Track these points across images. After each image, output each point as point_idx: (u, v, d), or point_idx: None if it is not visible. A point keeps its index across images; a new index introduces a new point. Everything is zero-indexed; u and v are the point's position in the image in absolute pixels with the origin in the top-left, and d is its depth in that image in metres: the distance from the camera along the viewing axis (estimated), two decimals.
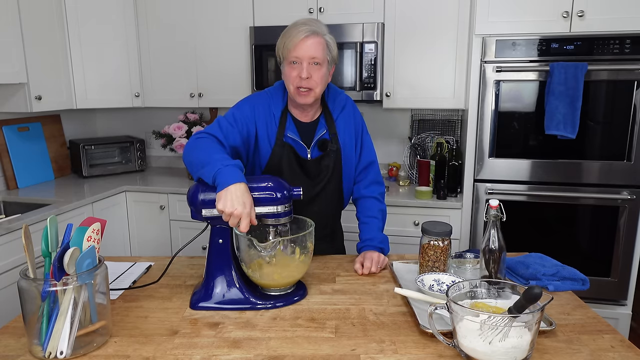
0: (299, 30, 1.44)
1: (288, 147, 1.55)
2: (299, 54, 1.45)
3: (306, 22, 1.47)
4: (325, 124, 1.60)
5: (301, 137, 1.57)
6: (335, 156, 1.60)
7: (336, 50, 1.54)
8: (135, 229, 2.91)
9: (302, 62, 1.45)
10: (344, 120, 1.63)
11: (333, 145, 1.59)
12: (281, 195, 1.25)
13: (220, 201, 1.18)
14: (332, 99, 1.63)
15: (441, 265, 1.37)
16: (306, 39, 1.44)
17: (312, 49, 1.45)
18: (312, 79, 1.46)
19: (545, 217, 2.43)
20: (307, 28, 1.45)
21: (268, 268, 1.27)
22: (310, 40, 1.44)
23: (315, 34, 1.45)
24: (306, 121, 1.60)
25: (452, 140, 2.86)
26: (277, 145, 1.55)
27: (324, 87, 1.53)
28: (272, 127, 1.56)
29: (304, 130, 1.58)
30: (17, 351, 1.06)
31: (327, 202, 1.64)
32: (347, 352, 1.05)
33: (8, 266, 2.07)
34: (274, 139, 1.55)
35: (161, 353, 1.05)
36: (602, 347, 1.05)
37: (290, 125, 1.57)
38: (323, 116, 1.61)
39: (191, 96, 3.00)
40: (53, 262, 1.03)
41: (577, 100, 2.24)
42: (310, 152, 1.58)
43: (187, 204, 1.27)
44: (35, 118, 2.94)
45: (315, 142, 1.58)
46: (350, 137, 1.64)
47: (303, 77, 1.45)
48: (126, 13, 2.95)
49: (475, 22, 2.39)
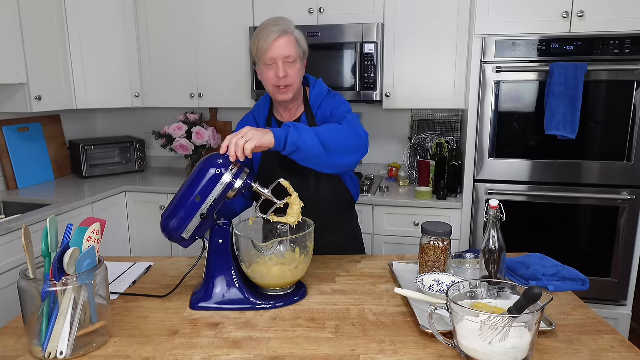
0: (270, 31, 1.49)
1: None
2: (273, 55, 1.49)
3: (276, 23, 1.51)
4: (306, 121, 1.63)
5: None
6: None
7: (306, 44, 1.58)
8: (135, 229, 2.91)
9: (278, 62, 1.50)
10: (322, 112, 1.64)
11: None
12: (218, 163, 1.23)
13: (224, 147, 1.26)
14: (313, 96, 1.65)
15: (441, 266, 1.37)
16: (278, 39, 1.48)
17: (285, 48, 1.49)
18: (289, 76, 1.52)
19: (545, 218, 2.43)
20: (277, 29, 1.49)
21: (268, 268, 1.28)
22: (281, 40, 1.49)
23: (285, 33, 1.50)
24: (288, 120, 1.63)
25: (452, 141, 2.86)
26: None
27: (301, 80, 1.59)
28: None
29: None
30: (17, 351, 1.06)
31: (329, 199, 1.64)
32: (347, 353, 1.04)
33: (8, 266, 2.07)
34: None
35: (161, 353, 1.05)
36: (602, 348, 1.05)
37: (275, 128, 1.58)
38: (305, 114, 1.65)
39: (191, 96, 3.00)
40: (53, 262, 1.03)
41: (577, 100, 2.24)
42: None
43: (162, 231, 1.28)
44: (35, 118, 2.94)
45: None
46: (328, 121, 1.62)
47: (280, 76, 1.50)
48: (126, 13, 2.95)
49: (475, 23, 2.39)
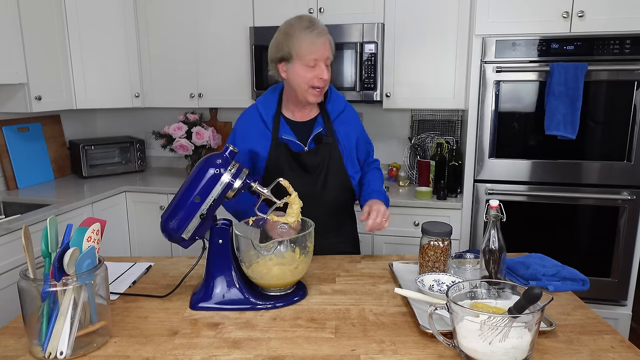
0: (313, 31, 1.45)
1: (283, 145, 1.58)
2: (318, 56, 1.46)
3: (313, 21, 1.48)
4: (322, 123, 1.62)
5: (296, 136, 1.60)
6: (332, 148, 1.61)
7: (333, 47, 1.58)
8: (135, 229, 2.91)
9: (320, 64, 1.47)
10: (342, 122, 1.65)
11: (329, 138, 1.60)
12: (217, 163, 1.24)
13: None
14: (331, 102, 1.65)
15: (441, 266, 1.37)
16: (323, 40, 1.46)
17: (328, 50, 1.49)
18: (328, 77, 1.51)
19: (545, 218, 2.43)
20: (321, 30, 1.47)
21: (268, 268, 1.28)
22: (324, 41, 1.47)
23: (325, 33, 1.48)
24: (302, 120, 1.62)
25: (452, 141, 2.86)
26: (273, 145, 1.58)
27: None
28: (266, 132, 1.59)
29: (299, 130, 1.61)
30: (17, 351, 1.06)
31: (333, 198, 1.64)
32: (347, 353, 1.04)
33: (8, 266, 2.07)
34: (269, 142, 1.58)
35: (161, 353, 1.05)
36: (602, 348, 1.05)
37: (284, 127, 1.60)
38: (321, 116, 1.63)
39: (191, 96, 3.00)
40: (53, 262, 1.03)
41: (577, 100, 2.24)
42: (308, 147, 1.60)
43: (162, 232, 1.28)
44: (35, 118, 2.94)
45: (312, 139, 1.60)
46: (351, 138, 1.66)
47: (325, 78, 1.48)
48: (126, 13, 2.95)
49: (475, 23, 2.39)
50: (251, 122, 1.62)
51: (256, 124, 1.60)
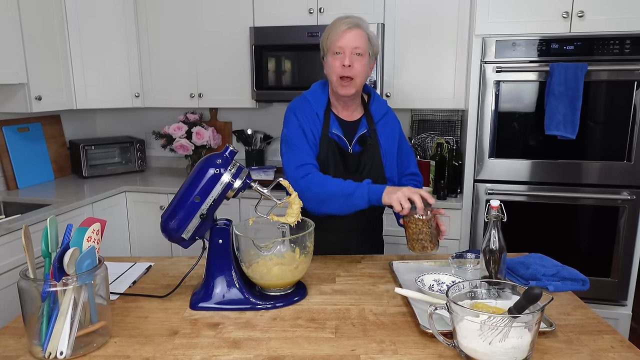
0: (343, 22, 1.54)
1: (333, 142, 1.62)
2: (342, 44, 1.52)
3: (349, 16, 1.57)
4: (366, 124, 1.67)
5: (344, 134, 1.65)
6: (374, 151, 1.66)
7: (378, 46, 1.62)
8: (135, 229, 2.91)
9: (345, 52, 1.52)
10: (385, 126, 1.70)
11: (372, 140, 1.65)
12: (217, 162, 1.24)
13: (395, 203, 1.35)
14: (374, 105, 1.70)
15: (426, 237, 1.37)
16: (349, 30, 1.52)
17: (355, 40, 1.53)
18: (354, 67, 1.53)
19: (545, 218, 2.43)
20: (350, 20, 1.54)
21: (268, 268, 1.28)
22: (353, 31, 1.53)
23: (358, 27, 1.54)
24: (348, 120, 1.67)
25: (452, 141, 2.86)
26: (323, 140, 1.62)
27: (364, 79, 1.60)
28: (318, 125, 1.63)
29: (347, 128, 1.66)
30: (17, 351, 1.06)
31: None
32: (347, 353, 1.04)
33: (8, 266, 2.07)
34: (319, 135, 1.62)
35: (161, 353, 1.05)
36: (602, 348, 1.05)
37: (334, 123, 1.64)
38: (365, 117, 1.69)
39: (191, 96, 2.99)
40: (53, 262, 1.03)
41: (577, 100, 2.24)
42: (352, 148, 1.65)
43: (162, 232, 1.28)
44: (35, 118, 2.94)
45: (357, 139, 1.65)
46: (392, 142, 1.71)
47: (345, 64, 1.51)
48: (126, 13, 2.95)
49: (475, 23, 2.39)
50: (305, 110, 1.63)
51: (309, 114, 1.63)
